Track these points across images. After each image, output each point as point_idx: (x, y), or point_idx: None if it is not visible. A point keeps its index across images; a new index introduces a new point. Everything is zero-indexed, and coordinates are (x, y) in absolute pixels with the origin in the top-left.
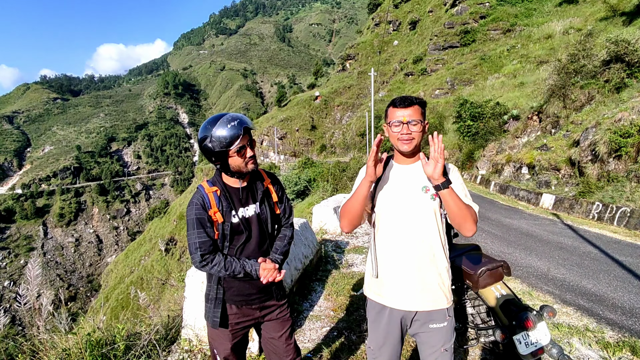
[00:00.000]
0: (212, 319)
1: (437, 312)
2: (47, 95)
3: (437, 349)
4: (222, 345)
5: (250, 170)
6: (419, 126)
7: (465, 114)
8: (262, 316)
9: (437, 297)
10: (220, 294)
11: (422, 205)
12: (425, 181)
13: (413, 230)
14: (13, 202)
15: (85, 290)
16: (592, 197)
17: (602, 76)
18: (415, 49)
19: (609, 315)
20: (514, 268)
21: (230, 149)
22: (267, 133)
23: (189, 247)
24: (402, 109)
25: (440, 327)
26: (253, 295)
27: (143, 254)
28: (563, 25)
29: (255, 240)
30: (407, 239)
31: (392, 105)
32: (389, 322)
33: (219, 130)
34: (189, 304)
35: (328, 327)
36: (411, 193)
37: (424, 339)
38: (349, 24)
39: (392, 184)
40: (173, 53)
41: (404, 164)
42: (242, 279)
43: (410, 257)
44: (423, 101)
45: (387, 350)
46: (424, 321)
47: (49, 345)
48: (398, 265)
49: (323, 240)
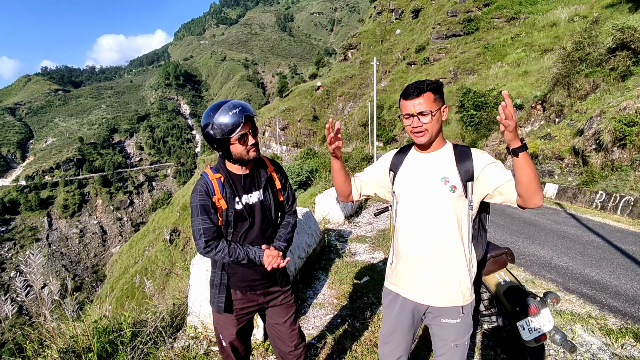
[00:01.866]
0: (217, 304)
1: (450, 308)
2: (48, 86)
3: (448, 343)
4: (227, 330)
5: (252, 158)
6: (430, 117)
7: (468, 104)
8: (266, 302)
9: (452, 294)
10: (225, 279)
11: (440, 197)
12: (445, 171)
13: (429, 222)
14: (17, 194)
15: (91, 280)
16: (596, 186)
17: (607, 64)
18: (417, 38)
19: (612, 302)
20: (516, 256)
21: (232, 136)
22: (269, 124)
23: (193, 233)
24: (412, 100)
25: (453, 322)
26: (257, 281)
27: (147, 245)
28: (568, 12)
29: (258, 226)
30: (423, 231)
31: (403, 97)
32: (401, 310)
33: (220, 117)
34: (194, 292)
35: (332, 314)
36: (429, 183)
37: (436, 332)
38: (350, 13)
39: (411, 173)
40: (174, 43)
41: (423, 152)
42: (246, 265)
43: (425, 250)
44: (437, 85)
45: (397, 337)
46: (436, 315)
47: (56, 333)
48: (413, 257)
49: (326, 229)
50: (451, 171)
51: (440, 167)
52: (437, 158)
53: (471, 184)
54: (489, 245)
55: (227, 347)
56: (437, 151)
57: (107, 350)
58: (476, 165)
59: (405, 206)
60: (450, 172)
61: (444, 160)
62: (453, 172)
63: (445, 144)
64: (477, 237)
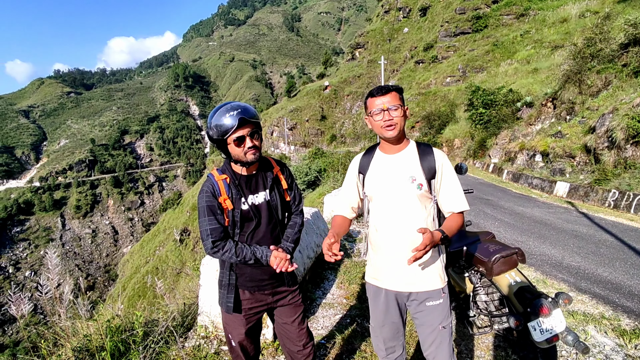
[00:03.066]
0: (225, 305)
1: (432, 291)
2: (61, 89)
3: (435, 327)
4: (236, 330)
5: (250, 161)
6: (400, 111)
7: (478, 102)
8: (274, 301)
9: (429, 278)
10: (233, 280)
11: (409, 194)
12: (411, 171)
13: (402, 218)
14: (32, 195)
15: (103, 279)
16: (609, 185)
17: (619, 60)
18: (425, 36)
19: (626, 302)
20: (527, 256)
21: (227, 137)
22: (277, 124)
23: (201, 234)
24: (381, 97)
25: (437, 304)
26: (265, 281)
27: (158, 245)
28: (579, 8)
29: (265, 226)
30: (396, 226)
31: (370, 96)
32: (386, 302)
33: (217, 119)
34: (205, 292)
35: (341, 314)
36: (398, 183)
37: (422, 320)
38: (358, 12)
39: (380, 174)
40: (182, 45)
41: (390, 154)
42: (253, 265)
43: (400, 243)
44: (399, 87)
45: (387, 328)
46: (420, 300)
47: (70, 331)
48: (392, 251)
49: None
50: (416, 170)
51: (407, 167)
52: (402, 158)
53: (434, 182)
54: (499, 246)
55: (236, 347)
56: (402, 152)
57: (119, 349)
58: (437, 165)
59: (379, 206)
60: (416, 171)
61: (409, 160)
62: (418, 170)
63: (409, 142)
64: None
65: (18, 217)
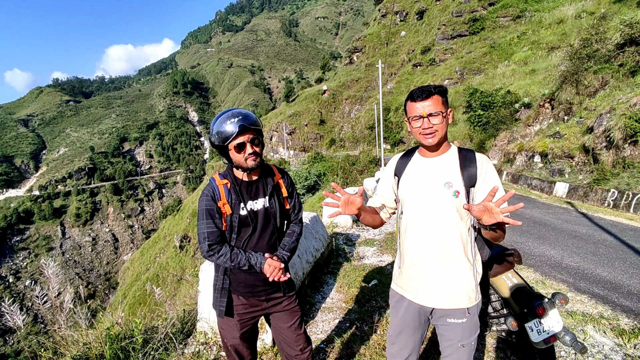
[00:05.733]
0: (218, 308)
1: (455, 310)
2: (60, 97)
3: (454, 343)
4: (231, 334)
5: (251, 167)
6: (440, 117)
7: (476, 104)
8: (269, 307)
9: (457, 296)
10: (227, 284)
11: (443, 202)
12: (447, 177)
13: (432, 227)
14: (31, 204)
15: (104, 287)
16: (607, 184)
17: (616, 60)
18: (423, 39)
19: (625, 302)
20: (526, 257)
21: (228, 144)
22: (276, 129)
23: (198, 236)
24: (421, 102)
25: (459, 322)
26: (259, 287)
27: (158, 252)
28: (575, 9)
29: (261, 233)
30: (426, 235)
31: (410, 99)
32: (406, 312)
33: (218, 125)
34: (203, 298)
35: (340, 318)
36: (433, 188)
37: (442, 332)
38: (355, 16)
39: (415, 178)
40: (181, 52)
41: (427, 157)
42: (248, 271)
43: (429, 253)
44: (443, 89)
45: (404, 338)
46: (442, 315)
47: (70, 340)
48: (417, 261)
49: (334, 233)
50: (455, 176)
51: (444, 172)
52: (441, 163)
53: (473, 190)
54: (495, 247)
55: (231, 350)
56: (441, 156)
57: (119, 356)
58: (479, 172)
59: (410, 211)
60: (454, 177)
61: (448, 165)
62: (457, 177)
63: (450, 147)
64: (480, 240)
65: (18, 226)
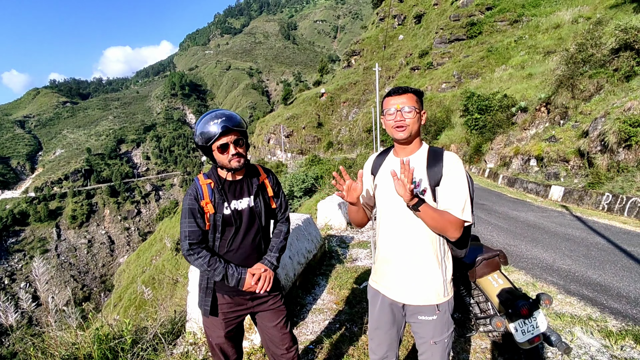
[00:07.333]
0: (203, 307)
1: (425, 306)
2: (56, 99)
3: (427, 341)
4: (215, 332)
5: (235, 168)
6: (414, 113)
7: (473, 107)
8: (254, 306)
9: (425, 293)
10: (211, 283)
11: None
12: (415, 176)
13: (402, 225)
14: (27, 205)
15: (99, 290)
16: (602, 188)
17: (611, 65)
18: (420, 43)
19: (613, 304)
20: (518, 260)
21: (211, 145)
22: (274, 131)
23: (180, 235)
24: (396, 97)
25: (429, 319)
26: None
27: (154, 254)
28: (572, 14)
29: (246, 232)
30: (396, 233)
31: (387, 95)
32: (381, 307)
33: (202, 126)
34: (192, 298)
35: (330, 319)
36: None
37: (415, 329)
38: (353, 20)
39: (387, 177)
40: (179, 54)
41: (399, 157)
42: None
43: (399, 251)
44: (418, 91)
45: (381, 333)
46: (413, 312)
47: (59, 341)
48: (389, 257)
49: (328, 235)
50: (421, 175)
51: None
52: (411, 162)
53: (438, 189)
54: (481, 248)
55: (215, 349)
56: (412, 155)
57: (107, 357)
58: (444, 171)
59: (382, 209)
60: (421, 176)
61: (417, 164)
62: (423, 176)
63: (421, 146)
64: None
65: (13, 227)
